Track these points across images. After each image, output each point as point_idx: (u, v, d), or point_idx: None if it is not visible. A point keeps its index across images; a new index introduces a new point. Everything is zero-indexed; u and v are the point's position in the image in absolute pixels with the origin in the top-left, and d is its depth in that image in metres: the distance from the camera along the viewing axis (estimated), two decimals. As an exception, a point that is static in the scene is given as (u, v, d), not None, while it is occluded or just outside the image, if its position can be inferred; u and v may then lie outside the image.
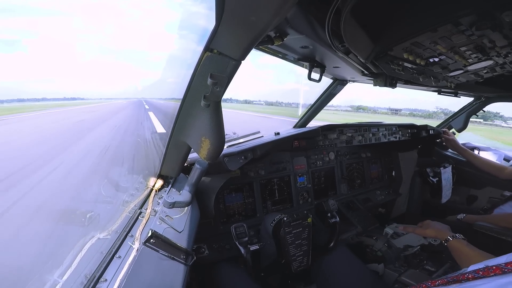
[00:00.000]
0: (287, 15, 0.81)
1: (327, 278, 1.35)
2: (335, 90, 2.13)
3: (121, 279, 0.73)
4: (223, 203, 1.68)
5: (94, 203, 1.18)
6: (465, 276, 0.62)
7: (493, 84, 1.83)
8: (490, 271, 0.58)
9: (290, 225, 1.31)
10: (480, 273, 0.60)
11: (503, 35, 0.93)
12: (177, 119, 0.98)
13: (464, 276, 0.63)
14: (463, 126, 2.85)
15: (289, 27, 0.90)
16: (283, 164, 1.95)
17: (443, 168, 2.33)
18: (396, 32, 0.99)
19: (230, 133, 1.84)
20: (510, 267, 0.56)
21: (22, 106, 38.85)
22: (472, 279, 0.61)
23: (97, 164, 4.50)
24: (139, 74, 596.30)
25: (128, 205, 1.05)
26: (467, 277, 0.62)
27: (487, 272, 0.59)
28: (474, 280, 0.61)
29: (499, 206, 2.06)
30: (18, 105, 49.94)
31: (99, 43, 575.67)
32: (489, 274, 0.59)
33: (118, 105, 36.44)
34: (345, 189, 2.27)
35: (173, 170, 1.23)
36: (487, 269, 0.59)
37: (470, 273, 0.62)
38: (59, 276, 0.73)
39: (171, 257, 0.91)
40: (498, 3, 0.75)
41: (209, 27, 0.68)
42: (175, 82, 1.06)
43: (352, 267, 1.38)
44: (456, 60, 1.20)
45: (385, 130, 2.28)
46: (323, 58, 1.38)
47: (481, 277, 0.60)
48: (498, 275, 0.57)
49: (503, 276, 0.57)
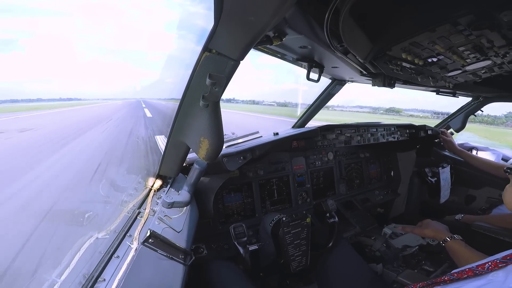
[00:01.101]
0: (286, 15, 0.81)
1: (329, 275, 1.35)
2: (334, 90, 2.13)
3: (120, 279, 0.73)
4: (222, 203, 1.68)
5: (93, 203, 1.17)
6: (442, 278, 0.63)
7: (491, 84, 1.84)
8: (464, 273, 0.59)
9: (289, 225, 1.31)
10: (454, 275, 0.61)
11: (501, 35, 0.93)
12: (176, 119, 0.98)
13: (441, 279, 0.63)
14: (461, 126, 2.85)
15: (287, 27, 0.90)
16: (282, 164, 1.95)
17: (442, 168, 2.33)
18: (395, 32, 1.00)
19: (229, 133, 1.84)
20: (481, 269, 0.56)
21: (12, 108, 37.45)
22: (448, 281, 0.62)
23: (96, 164, 4.49)
24: (138, 74, 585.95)
25: (126, 205, 1.05)
26: (444, 279, 0.62)
27: (460, 275, 0.59)
28: (450, 283, 0.61)
29: (497, 206, 2.07)
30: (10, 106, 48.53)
31: (97, 43, 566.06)
32: (462, 277, 0.59)
33: (109, 109, 29.02)
34: (343, 189, 2.28)
35: (172, 170, 1.23)
36: (461, 272, 0.60)
37: (447, 275, 0.62)
38: (57, 275, 0.73)
39: (170, 257, 0.91)
40: (496, 3, 0.76)
41: (208, 27, 0.68)
42: (173, 82, 1.06)
43: (353, 264, 1.38)
44: (454, 60, 1.21)
45: (383, 130, 2.29)
46: (321, 58, 1.38)
47: (455, 279, 0.60)
48: (470, 277, 0.58)
49: (474, 278, 0.57)
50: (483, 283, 0.54)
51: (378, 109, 79.16)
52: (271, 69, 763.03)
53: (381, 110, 77.57)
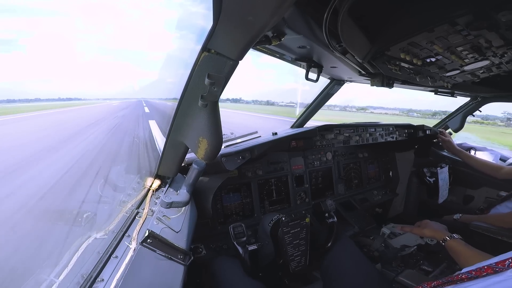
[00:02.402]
0: (285, 15, 0.81)
1: (334, 270, 1.34)
2: (333, 90, 2.14)
3: (118, 279, 0.73)
4: (220, 203, 1.68)
5: (91, 203, 1.17)
6: (459, 276, 0.64)
7: (489, 84, 1.84)
8: (482, 271, 0.60)
9: (288, 225, 1.30)
10: (473, 273, 0.62)
11: (500, 35, 0.94)
12: (175, 119, 0.98)
13: (458, 277, 0.64)
14: (459, 126, 2.87)
15: (286, 27, 0.90)
16: (280, 164, 1.95)
17: (440, 168, 2.34)
18: (393, 32, 1.00)
19: (228, 133, 1.84)
20: (501, 266, 0.57)
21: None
22: (466, 279, 0.63)
23: (94, 165, 4.48)
24: (137, 74, 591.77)
25: (125, 205, 1.05)
26: (461, 277, 0.63)
27: (479, 272, 0.61)
28: (468, 281, 0.62)
29: (495, 206, 2.07)
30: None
31: (97, 42, 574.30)
32: (481, 274, 0.60)
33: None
34: (342, 189, 2.28)
35: (171, 170, 1.22)
36: (479, 269, 0.61)
37: (463, 273, 0.63)
38: (56, 276, 0.73)
39: (169, 257, 0.91)
40: (495, 3, 0.76)
41: (207, 27, 0.68)
42: (172, 82, 1.06)
43: (356, 259, 1.37)
44: (452, 60, 1.21)
45: (382, 130, 2.29)
46: (320, 58, 1.38)
47: (474, 277, 0.61)
48: (490, 274, 0.59)
49: (494, 275, 0.58)
50: (502, 279, 0.56)
51: (351, 107, 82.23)
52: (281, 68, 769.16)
53: (353, 109, 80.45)
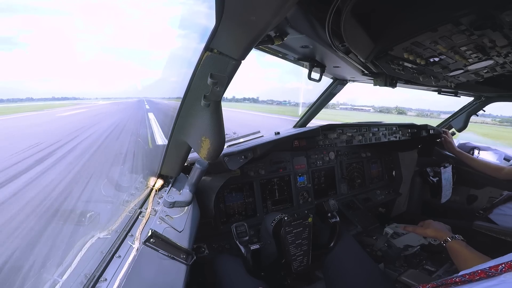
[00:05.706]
0: (287, 14, 0.81)
1: (336, 269, 1.34)
2: (335, 89, 2.13)
3: (121, 279, 0.73)
4: (223, 203, 1.68)
5: (94, 203, 1.18)
6: (453, 280, 0.64)
7: (493, 84, 1.83)
8: (476, 275, 0.60)
9: (291, 224, 1.30)
10: (466, 277, 0.61)
11: (503, 35, 0.93)
12: (177, 118, 0.98)
13: (452, 280, 0.64)
14: (463, 126, 2.85)
15: (289, 27, 0.90)
16: (283, 164, 1.95)
17: (443, 168, 2.32)
18: (396, 32, 0.99)
19: (230, 132, 1.84)
20: (494, 271, 0.57)
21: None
22: (460, 283, 0.62)
23: (98, 164, 4.50)
24: (140, 73, 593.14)
25: (128, 204, 1.05)
26: (455, 281, 0.63)
27: (472, 276, 0.60)
28: (462, 285, 0.62)
29: (498, 207, 2.06)
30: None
31: (99, 42, 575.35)
32: (474, 278, 0.60)
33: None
34: (345, 189, 2.27)
35: (173, 169, 1.23)
36: (473, 273, 0.61)
37: (458, 277, 0.63)
38: (59, 275, 0.73)
39: (171, 257, 0.91)
40: (498, 3, 0.75)
41: (210, 26, 0.68)
42: (175, 82, 1.06)
43: (358, 257, 1.37)
44: (456, 60, 1.20)
45: (385, 130, 2.28)
46: (323, 58, 1.38)
47: (467, 281, 0.61)
48: (483, 278, 0.59)
49: (487, 279, 0.58)
50: (495, 283, 0.55)
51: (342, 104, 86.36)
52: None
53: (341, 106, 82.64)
